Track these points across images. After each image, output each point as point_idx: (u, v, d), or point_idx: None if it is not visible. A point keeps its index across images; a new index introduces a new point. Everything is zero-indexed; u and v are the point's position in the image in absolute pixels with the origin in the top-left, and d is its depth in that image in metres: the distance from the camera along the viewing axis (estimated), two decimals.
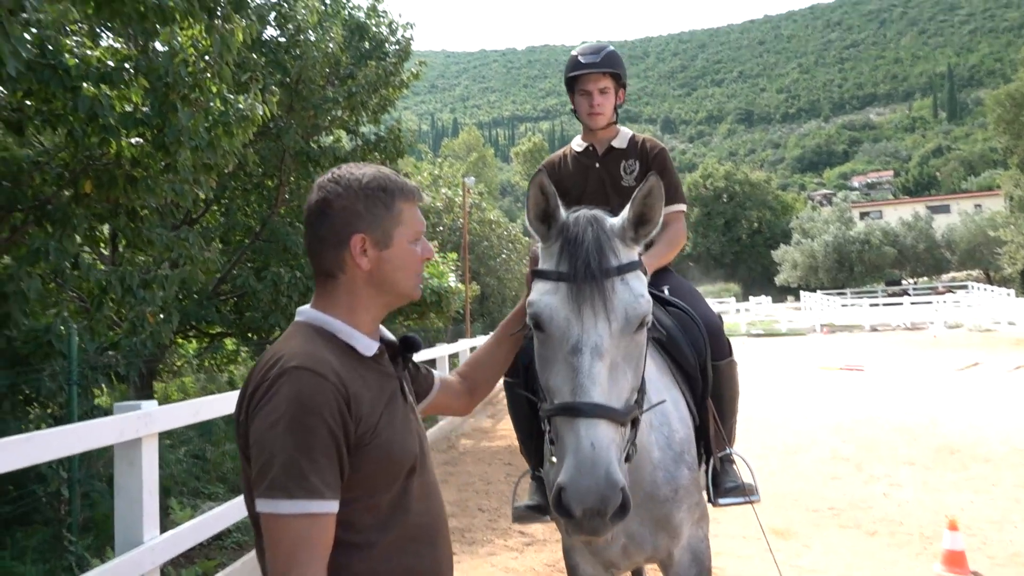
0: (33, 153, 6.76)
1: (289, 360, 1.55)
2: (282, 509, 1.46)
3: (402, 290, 1.75)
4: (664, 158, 3.32)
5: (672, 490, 2.44)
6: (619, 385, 1.86)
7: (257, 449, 1.51)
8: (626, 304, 1.90)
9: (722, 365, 2.95)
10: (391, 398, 1.70)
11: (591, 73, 3.23)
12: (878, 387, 14.38)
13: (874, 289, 51.47)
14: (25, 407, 6.12)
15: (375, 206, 1.69)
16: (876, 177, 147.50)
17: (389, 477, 1.63)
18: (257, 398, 1.54)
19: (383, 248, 1.70)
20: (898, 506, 6.50)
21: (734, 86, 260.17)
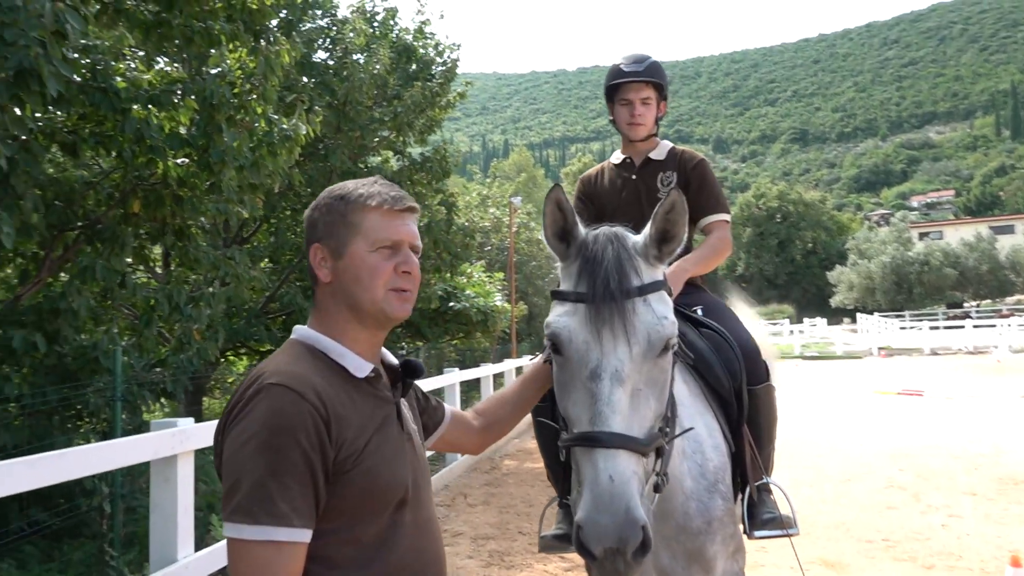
0: (88, 174, 6.95)
1: (268, 377, 1.47)
2: (245, 535, 1.36)
3: (363, 303, 1.60)
4: (703, 169, 3.21)
5: (705, 522, 2.33)
6: (641, 412, 1.75)
7: (226, 469, 1.42)
8: (648, 326, 1.80)
9: (759, 390, 2.79)
10: (383, 423, 1.58)
11: (633, 82, 3.14)
12: (938, 413, 13.88)
13: (934, 312, 50.00)
14: (76, 422, 6.25)
15: (329, 215, 1.63)
16: (936, 197, 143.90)
17: (374, 508, 1.51)
18: (233, 415, 1.46)
19: (337, 258, 1.61)
20: (957, 539, 6.20)
21: (788, 105, 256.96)
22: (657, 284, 1.89)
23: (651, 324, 1.80)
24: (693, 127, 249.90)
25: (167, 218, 6.09)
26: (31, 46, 3.82)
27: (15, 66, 3.85)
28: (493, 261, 22.59)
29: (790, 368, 27.05)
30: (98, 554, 5.46)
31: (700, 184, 3.16)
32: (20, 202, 4.92)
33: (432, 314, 13.23)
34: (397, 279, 1.61)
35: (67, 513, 5.52)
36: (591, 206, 3.35)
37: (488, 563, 5.96)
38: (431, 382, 9.67)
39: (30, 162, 4.91)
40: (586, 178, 3.45)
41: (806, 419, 13.39)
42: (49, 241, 5.99)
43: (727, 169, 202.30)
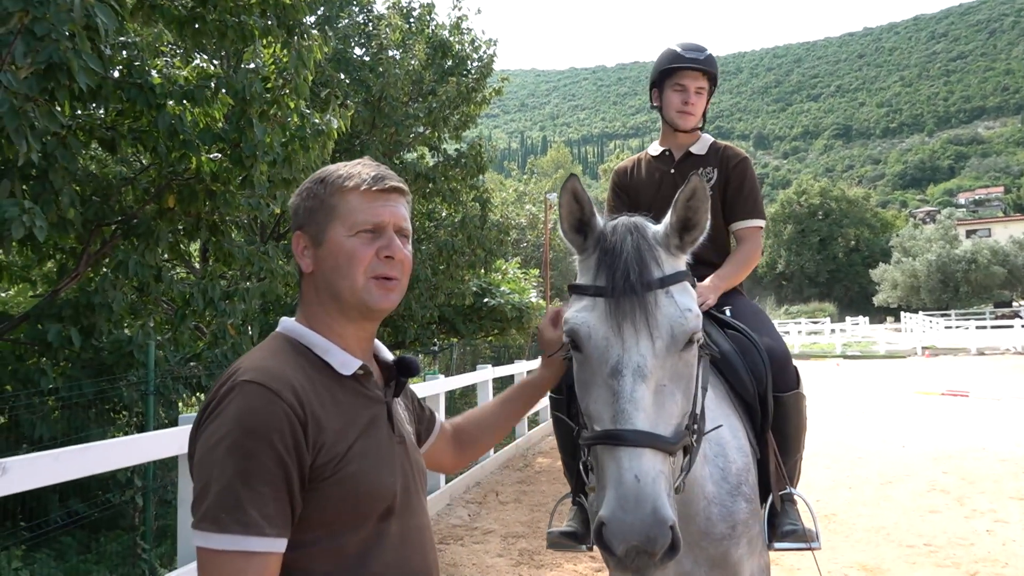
0: (127, 170, 7.05)
1: (243, 373, 1.37)
2: (213, 543, 1.26)
3: (343, 293, 1.49)
4: (745, 167, 3.10)
5: (729, 527, 2.25)
6: (667, 409, 1.67)
7: (197, 472, 1.32)
8: (671, 319, 1.71)
9: (786, 397, 2.68)
10: (371, 425, 1.47)
11: (691, 68, 3.04)
12: (984, 414, 13.49)
13: (981, 311, 48.75)
14: (112, 415, 6.34)
15: (309, 200, 1.53)
16: (984, 194, 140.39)
17: (356, 518, 1.40)
18: (207, 414, 1.37)
19: (317, 246, 1.51)
20: (1003, 545, 6.00)
21: (831, 100, 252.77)
22: (680, 275, 1.80)
23: (674, 317, 1.72)
24: (734, 123, 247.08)
25: (201, 213, 6.14)
26: (61, 40, 3.85)
27: (45, 60, 3.88)
28: (529, 258, 22.53)
29: (831, 368, 26.58)
30: (132, 547, 5.52)
31: (740, 184, 3.07)
32: (57, 197, 4.99)
33: (467, 310, 13.22)
34: (379, 265, 1.50)
35: (104, 505, 5.60)
36: (626, 199, 3.25)
37: (518, 562, 5.91)
38: (465, 379, 9.65)
39: (67, 157, 4.97)
40: (621, 170, 3.34)
41: (846, 420, 13.12)
42: (86, 236, 6.07)
43: (768, 165, 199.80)
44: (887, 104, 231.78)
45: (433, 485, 7.63)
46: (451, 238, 10.83)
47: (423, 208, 12.18)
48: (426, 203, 11.90)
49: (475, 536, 6.63)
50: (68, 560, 5.40)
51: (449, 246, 10.66)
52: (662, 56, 3.15)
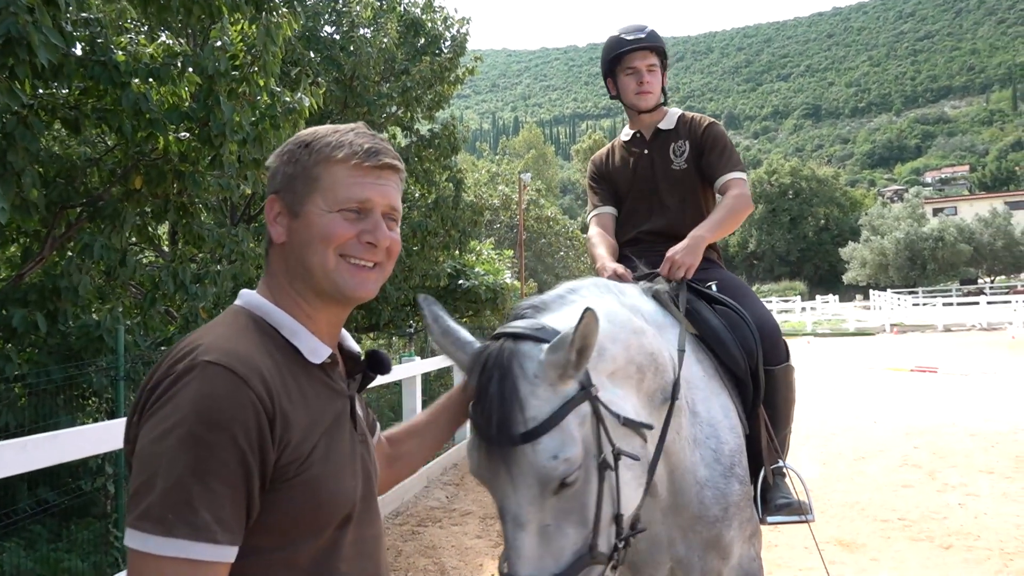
0: (91, 151, 6.86)
1: (204, 352, 1.17)
2: (153, 547, 1.07)
3: (315, 272, 1.32)
4: (713, 129, 3.08)
5: (722, 509, 2.25)
6: (554, 547, 1.63)
7: (138, 464, 1.13)
8: (538, 471, 1.60)
9: (777, 371, 2.67)
10: (336, 423, 1.31)
11: (638, 49, 3.03)
12: (953, 390, 13.72)
13: (948, 288, 49.57)
14: (81, 401, 6.20)
15: (287, 165, 1.35)
16: (951, 172, 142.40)
17: (315, 524, 1.24)
18: (155, 396, 1.16)
19: (292, 216, 1.33)
20: (975, 518, 6.09)
21: (801, 80, 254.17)
22: (554, 416, 1.62)
23: (541, 469, 1.60)
24: (705, 103, 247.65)
25: (170, 194, 6.00)
26: (20, 13, 3.70)
27: (3, 34, 3.73)
28: (502, 238, 22.48)
29: (803, 346, 26.89)
30: (104, 534, 5.43)
31: (712, 145, 3.04)
32: (18, 178, 4.84)
33: (441, 292, 13.14)
34: (356, 247, 1.33)
35: (74, 493, 5.49)
36: (606, 186, 3.25)
37: (497, 543, 5.90)
38: (441, 360, 9.58)
39: (28, 137, 4.82)
40: (597, 159, 3.34)
41: (818, 397, 13.27)
42: (51, 219, 5.91)
43: (739, 146, 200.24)
44: (856, 84, 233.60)
45: None
46: (425, 219, 10.73)
47: None
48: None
49: (453, 518, 6.60)
50: (38, 549, 5.30)
51: (423, 227, 10.57)
52: (606, 45, 3.16)
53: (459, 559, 5.54)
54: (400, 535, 6.13)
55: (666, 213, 3.06)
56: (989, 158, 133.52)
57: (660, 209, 3.07)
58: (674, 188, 3.07)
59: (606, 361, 1.85)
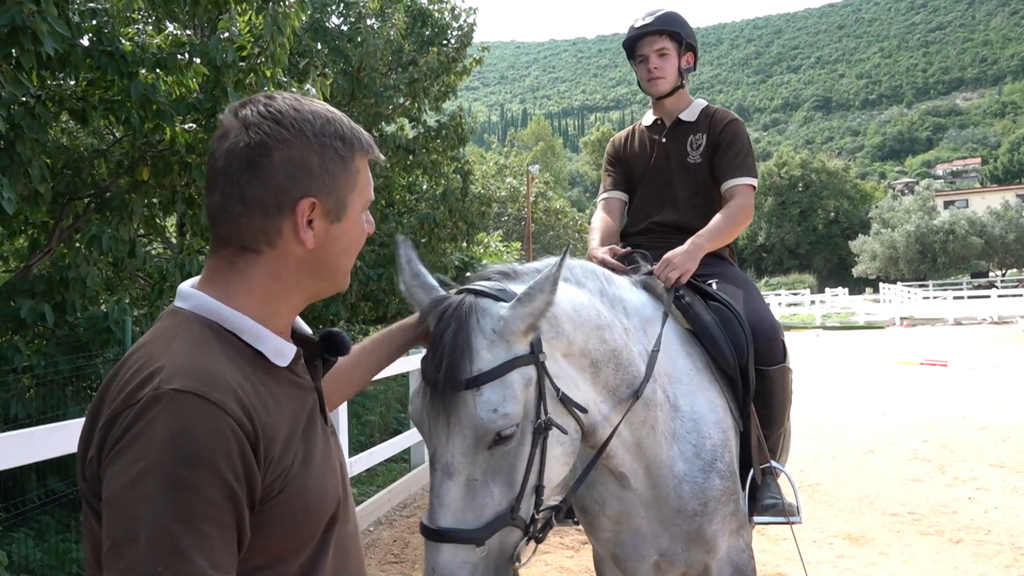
0: (98, 142, 6.87)
1: (169, 378, 1.04)
2: None
3: (340, 279, 1.26)
4: (734, 128, 3.00)
5: (701, 503, 2.27)
6: (477, 502, 1.68)
7: (113, 514, 1.00)
8: (476, 422, 1.65)
9: (771, 371, 2.64)
10: (309, 421, 1.22)
11: (646, 35, 2.97)
12: (962, 384, 13.64)
13: (958, 281, 49.31)
14: (90, 392, 6.22)
15: (332, 161, 1.18)
16: (962, 165, 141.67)
17: (303, 535, 1.17)
18: (118, 432, 1.03)
19: (334, 220, 1.20)
20: (985, 512, 6.05)
21: (811, 72, 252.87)
22: (501, 368, 1.69)
23: (479, 419, 1.65)
24: (714, 95, 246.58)
25: (177, 186, 6.00)
26: (25, 3, 3.69)
27: (8, 23, 3.73)
28: (510, 231, 22.46)
29: (811, 338, 26.80)
30: None
31: (728, 144, 2.98)
32: (26, 169, 4.84)
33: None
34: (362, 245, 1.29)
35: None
36: (621, 169, 3.21)
37: None
38: None
39: (36, 128, 4.82)
40: (617, 141, 3.30)
41: (827, 390, 13.22)
42: (58, 210, 5.91)
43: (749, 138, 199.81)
44: (866, 76, 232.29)
45: (418, 459, 7.60)
46: (432, 211, 10.70)
47: (404, 180, 12.03)
48: (407, 176, 11.75)
49: None
50: (47, 539, 5.32)
51: (431, 219, 10.54)
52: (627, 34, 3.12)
53: None
54: (407, 527, 6.13)
55: (678, 206, 3.02)
56: (1001, 151, 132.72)
57: (672, 201, 3.04)
58: (688, 182, 3.03)
59: (561, 340, 1.91)
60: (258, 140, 1.15)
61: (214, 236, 1.21)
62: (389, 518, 6.36)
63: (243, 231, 1.17)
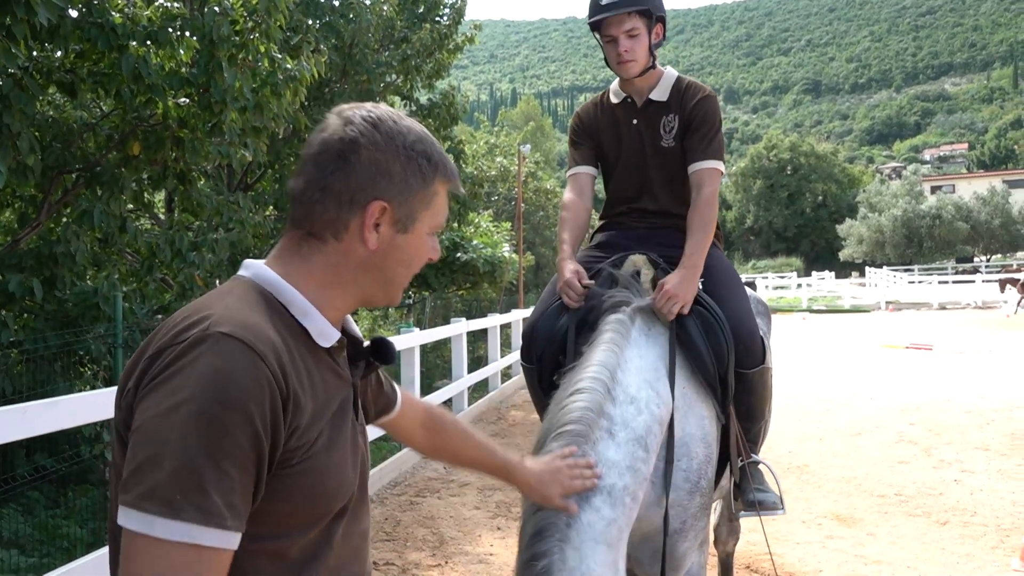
0: (87, 116, 6.77)
1: (217, 323, 1.09)
2: (159, 531, 0.99)
3: (393, 291, 1.30)
4: (703, 108, 2.81)
5: (681, 522, 2.30)
6: None
7: (142, 438, 1.04)
8: None
9: (751, 374, 2.64)
10: (340, 410, 1.24)
11: (614, 15, 2.70)
12: (948, 367, 13.77)
13: (944, 266, 49.65)
14: (79, 368, 6.18)
15: (413, 175, 1.24)
16: (949, 150, 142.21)
17: (312, 515, 1.18)
18: (160, 367, 1.07)
19: (400, 230, 1.25)
20: (971, 494, 6.13)
21: (801, 55, 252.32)
22: None
23: None
24: (704, 76, 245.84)
25: (168, 161, 5.93)
26: None
27: None
28: (500, 211, 22.38)
29: (797, 321, 26.96)
30: (102, 501, 5.43)
31: (698, 124, 2.81)
32: (15, 142, 4.77)
33: (439, 264, 13.09)
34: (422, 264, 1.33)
35: (72, 460, 5.48)
36: (590, 144, 3.02)
37: (495, 514, 5.92)
38: (440, 332, 9.58)
39: (24, 100, 4.74)
40: (584, 114, 3.08)
41: (814, 373, 13.31)
42: (47, 184, 5.84)
43: (738, 120, 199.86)
44: (856, 59, 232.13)
45: None
46: None
47: None
48: None
49: (451, 489, 6.62)
50: (36, 515, 5.30)
51: None
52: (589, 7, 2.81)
53: (457, 529, 5.56)
54: (398, 505, 6.15)
55: (655, 194, 2.92)
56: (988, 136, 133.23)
57: (648, 188, 2.92)
58: (664, 167, 2.90)
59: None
60: (352, 137, 1.21)
61: (289, 217, 1.27)
62: (380, 496, 6.37)
63: (315, 218, 1.23)
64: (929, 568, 4.65)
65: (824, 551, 4.95)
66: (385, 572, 4.71)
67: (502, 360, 11.95)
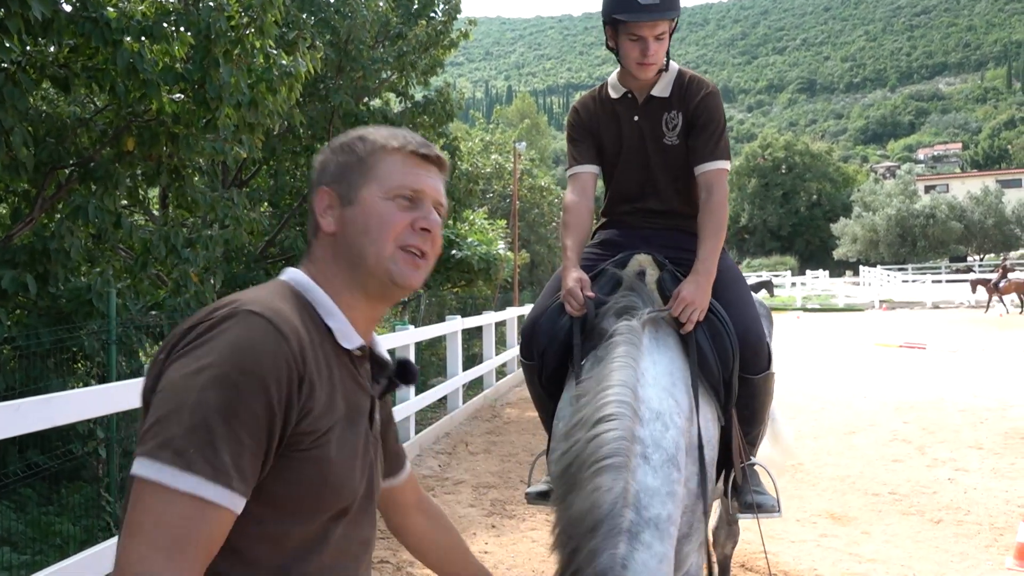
0: (81, 111, 6.74)
1: (246, 304, 1.18)
2: (167, 479, 1.04)
3: (367, 259, 1.30)
4: (708, 106, 2.78)
5: (688, 525, 2.28)
6: None
7: (163, 396, 1.10)
8: None
9: (756, 379, 2.64)
10: (356, 414, 1.29)
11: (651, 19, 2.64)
12: (941, 366, 13.81)
13: (937, 265, 49.79)
14: (71, 364, 6.15)
15: (345, 156, 1.35)
16: (943, 149, 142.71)
17: (313, 506, 1.21)
18: (189, 339, 1.15)
19: (346, 204, 1.32)
20: (965, 493, 6.14)
21: (796, 54, 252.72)
22: None
23: None
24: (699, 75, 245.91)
25: (162, 157, 5.91)
26: None
27: None
28: (495, 208, 22.35)
29: (791, 320, 27.00)
30: (95, 498, 5.40)
31: (704, 123, 2.77)
32: (8, 137, 4.74)
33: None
34: (411, 235, 1.32)
35: (65, 456, 5.46)
36: (590, 141, 2.96)
37: (490, 512, 5.91)
38: (435, 329, 9.56)
39: (17, 94, 4.71)
40: (582, 108, 3.01)
41: (808, 371, 13.33)
42: (41, 179, 5.81)
43: (733, 119, 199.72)
44: (851, 59, 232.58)
45: (403, 436, 7.58)
46: None
47: None
48: None
49: (446, 487, 6.61)
50: (29, 512, 5.27)
51: None
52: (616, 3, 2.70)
53: None
54: None
55: (659, 193, 2.88)
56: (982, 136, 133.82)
57: (652, 187, 2.88)
58: (667, 165, 2.86)
59: None
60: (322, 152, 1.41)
61: None
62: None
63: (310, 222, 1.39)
64: (923, 566, 4.65)
65: (819, 549, 4.96)
66: (380, 570, 4.70)
67: (497, 358, 11.94)
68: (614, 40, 2.79)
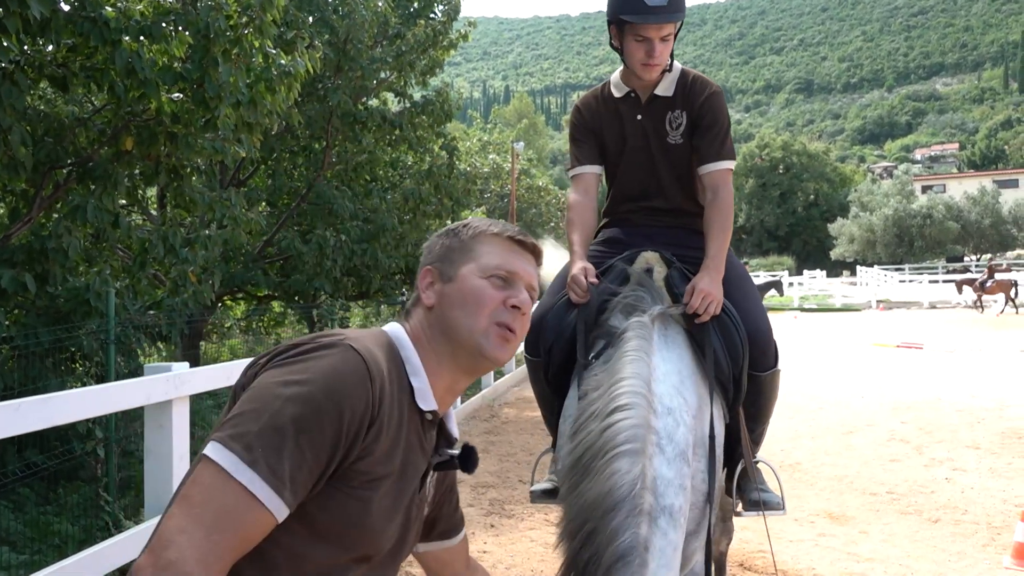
0: (79, 111, 6.73)
1: (352, 341, 1.30)
2: (231, 467, 1.13)
3: (461, 332, 1.40)
4: (712, 106, 2.79)
5: (696, 523, 2.28)
6: None
7: (252, 395, 1.22)
8: None
9: (763, 376, 2.66)
10: (410, 473, 1.37)
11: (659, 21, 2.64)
12: (939, 366, 13.83)
13: (934, 265, 49.88)
14: (70, 364, 6.14)
15: (451, 239, 1.49)
16: (940, 150, 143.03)
17: (343, 540, 1.27)
18: (291, 354, 1.27)
19: (445, 281, 1.45)
20: (962, 492, 6.15)
21: (794, 54, 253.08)
22: None
23: None
24: None
25: (161, 156, 5.90)
26: None
27: None
28: (493, 208, 22.36)
29: (788, 320, 27.04)
30: (94, 498, 5.40)
31: (709, 123, 2.79)
32: (6, 136, 4.74)
33: None
34: (504, 313, 1.42)
35: (63, 456, 5.45)
36: (593, 140, 2.95)
37: (489, 511, 5.92)
38: None
39: (15, 94, 4.71)
40: (584, 107, 3.00)
41: (806, 371, 13.35)
42: (39, 179, 5.80)
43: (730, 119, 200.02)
44: (848, 59, 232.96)
45: None
46: (417, 187, 10.63)
47: (388, 156, 11.92)
48: (392, 151, 11.64)
49: None
50: (27, 512, 5.27)
51: (416, 195, 10.46)
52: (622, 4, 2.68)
53: None
54: None
55: (664, 192, 2.88)
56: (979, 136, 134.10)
57: (656, 187, 2.88)
58: (672, 165, 2.86)
59: None
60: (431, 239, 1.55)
61: None
62: None
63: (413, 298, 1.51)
64: (921, 565, 4.66)
65: (817, 549, 4.96)
66: None
67: None
68: (619, 40, 2.79)
